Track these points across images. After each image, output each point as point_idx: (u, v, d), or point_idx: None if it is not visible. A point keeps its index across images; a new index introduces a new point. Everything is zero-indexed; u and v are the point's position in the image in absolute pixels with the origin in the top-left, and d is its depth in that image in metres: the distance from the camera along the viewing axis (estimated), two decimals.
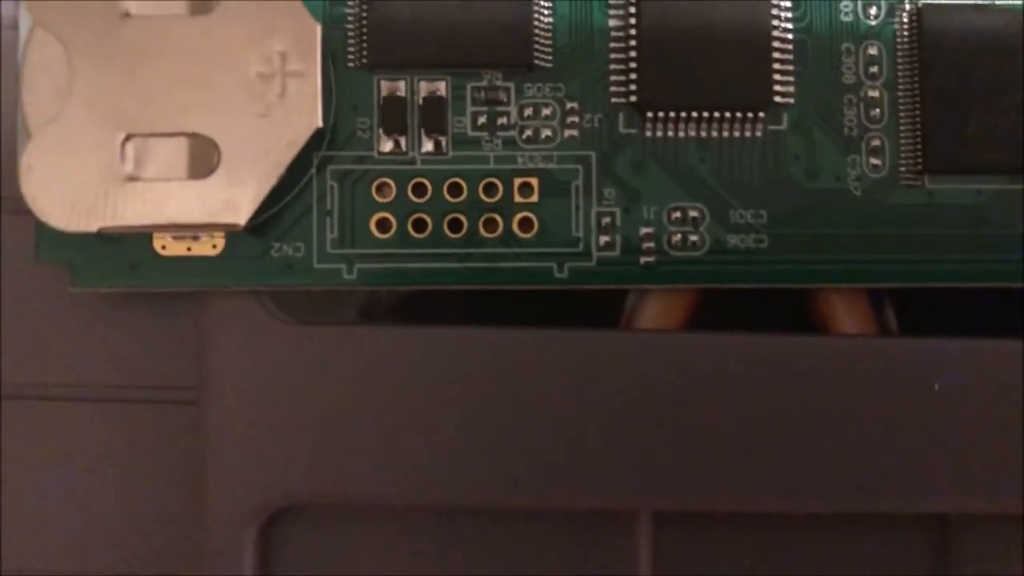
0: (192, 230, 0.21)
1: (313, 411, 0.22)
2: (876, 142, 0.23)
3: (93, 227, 0.20)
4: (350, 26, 0.22)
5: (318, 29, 0.21)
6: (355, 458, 0.22)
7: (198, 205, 0.20)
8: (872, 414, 0.23)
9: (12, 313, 0.22)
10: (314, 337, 0.22)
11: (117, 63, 0.21)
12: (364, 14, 0.22)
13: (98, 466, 0.22)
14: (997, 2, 0.23)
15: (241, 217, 0.21)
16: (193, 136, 0.21)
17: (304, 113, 0.21)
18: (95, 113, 0.20)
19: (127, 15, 0.21)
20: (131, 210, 0.20)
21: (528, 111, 0.22)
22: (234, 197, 0.21)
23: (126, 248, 0.22)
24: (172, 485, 0.22)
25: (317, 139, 0.21)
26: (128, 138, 0.20)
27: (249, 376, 0.22)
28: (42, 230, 0.21)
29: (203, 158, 0.21)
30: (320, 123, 0.21)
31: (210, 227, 0.21)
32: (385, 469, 0.22)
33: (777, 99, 0.22)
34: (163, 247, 0.22)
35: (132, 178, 0.20)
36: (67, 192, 0.20)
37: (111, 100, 0.20)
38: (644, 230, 0.22)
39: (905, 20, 0.23)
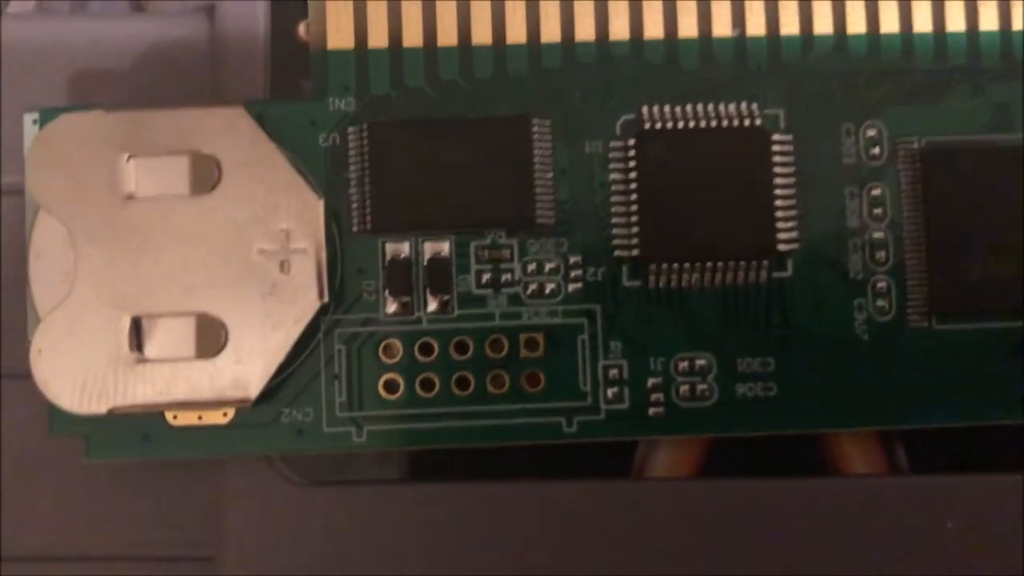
0: (202, 407, 0.21)
1: (328, 569, 0.22)
2: (882, 284, 0.23)
3: (103, 409, 0.21)
4: (353, 191, 0.22)
5: (321, 205, 0.21)
6: None
7: (207, 384, 0.21)
8: (887, 553, 0.23)
9: (25, 480, 0.23)
10: (326, 497, 0.22)
11: (121, 245, 0.21)
12: (367, 179, 0.22)
13: None
14: (1002, 137, 0.23)
15: (251, 393, 0.21)
16: (200, 315, 0.21)
17: (309, 290, 0.21)
18: (101, 296, 0.21)
19: (130, 197, 0.21)
20: (140, 391, 0.21)
21: (532, 267, 0.22)
22: (243, 374, 0.21)
23: (138, 420, 0.22)
24: None
25: (323, 306, 0.22)
26: (135, 320, 0.21)
27: (265, 537, 0.22)
28: (53, 406, 0.22)
29: (211, 336, 0.21)
30: (324, 300, 0.21)
31: (220, 404, 0.21)
32: None
33: (781, 247, 0.22)
34: (174, 417, 0.22)
35: (141, 359, 0.21)
36: (77, 375, 0.21)
37: (116, 282, 0.21)
38: (652, 381, 0.22)
39: (909, 160, 0.23)
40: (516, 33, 0.23)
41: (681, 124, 0.22)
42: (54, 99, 0.23)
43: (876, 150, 0.23)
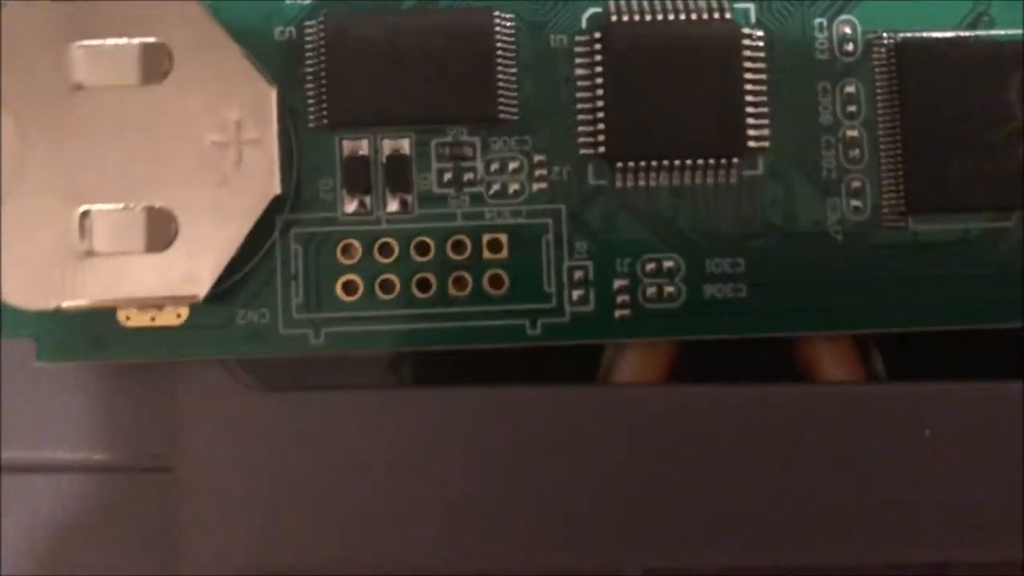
0: (152, 303, 0.20)
1: (285, 477, 0.22)
2: (856, 184, 0.22)
3: (52, 305, 0.20)
4: (310, 86, 0.22)
5: (273, 94, 0.20)
6: (328, 525, 0.22)
7: (157, 278, 0.20)
8: (862, 462, 0.22)
9: None
10: (283, 403, 0.22)
11: (70, 136, 0.20)
12: (324, 73, 0.21)
13: (72, 536, 0.22)
14: (978, 33, 0.22)
15: (201, 289, 0.20)
16: (150, 208, 0.20)
17: (261, 181, 0.20)
18: (49, 188, 0.20)
19: (79, 87, 0.20)
20: (90, 286, 0.20)
21: (495, 166, 0.22)
22: (193, 269, 0.20)
23: (90, 320, 0.21)
24: (145, 553, 0.22)
25: (279, 203, 0.21)
26: (84, 212, 0.20)
27: (221, 444, 0.22)
28: (5, 306, 0.21)
29: (161, 230, 0.20)
30: (278, 191, 0.20)
31: (170, 300, 0.20)
32: (359, 536, 0.22)
33: (752, 144, 0.22)
34: (127, 318, 0.21)
35: (89, 253, 0.20)
36: (25, 270, 0.20)
37: (65, 174, 0.20)
38: (618, 283, 0.22)
39: (884, 56, 0.22)
40: None
41: (649, 17, 0.22)
42: None
43: (850, 46, 0.22)
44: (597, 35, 0.21)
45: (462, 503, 0.22)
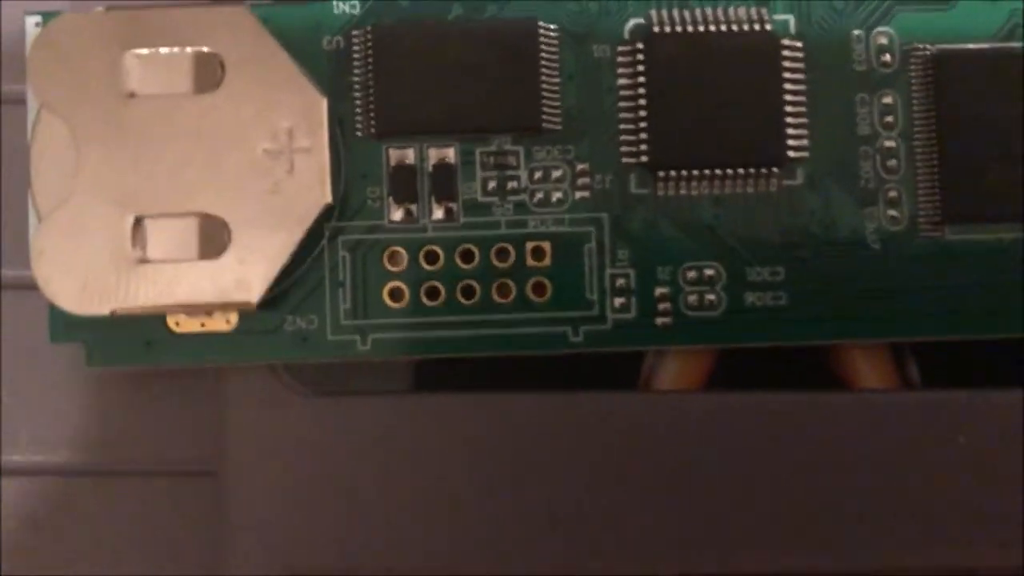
0: (204, 310, 0.21)
1: (332, 481, 0.22)
2: (893, 193, 0.22)
3: (105, 310, 0.20)
4: (357, 95, 0.22)
5: (324, 103, 0.21)
6: (374, 527, 0.22)
7: (210, 285, 0.20)
8: (898, 469, 0.22)
9: (27, 390, 0.22)
10: (330, 408, 0.22)
11: (123, 144, 0.20)
12: (371, 83, 0.22)
13: (118, 541, 0.22)
14: (1014, 44, 0.22)
15: (253, 295, 0.20)
16: (203, 215, 0.21)
17: (313, 189, 0.21)
18: (103, 195, 0.20)
19: (132, 95, 0.21)
20: (142, 292, 0.20)
21: (538, 174, 0.22)
22: (246, 276, 0.20)
23: (140, 326, 0.21)
24: (191, 559, 0.22)
25: (328, 211, 0.21)
26: (138, 219, 0.21)
27: (267, 448, 0.22)
28: (55, 311, 0.21)
29: (214, 237, 0.20)
30: (329, 199, 0.21)
31: (222, 306, 0.21)
32: (404, 538, 0.22)
33: (791, 154, 0.22)
34: (177, 324, 0.21)
35: (143, 260, 0.20)
36: (78, 275, 0.20)
37: (119, 181, 0.20)
38: (659, 291, 0.22)
39: (920, 66, 0.22)
40: None
41: (691, 28, 0.22)
42: (57, 4, 0.22)
43: (887, 56, 0.22)
44: (640, 46, 0.22)
45: (502, 506, 0.22)
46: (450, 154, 0.22)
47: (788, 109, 0.22)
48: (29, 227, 0.21)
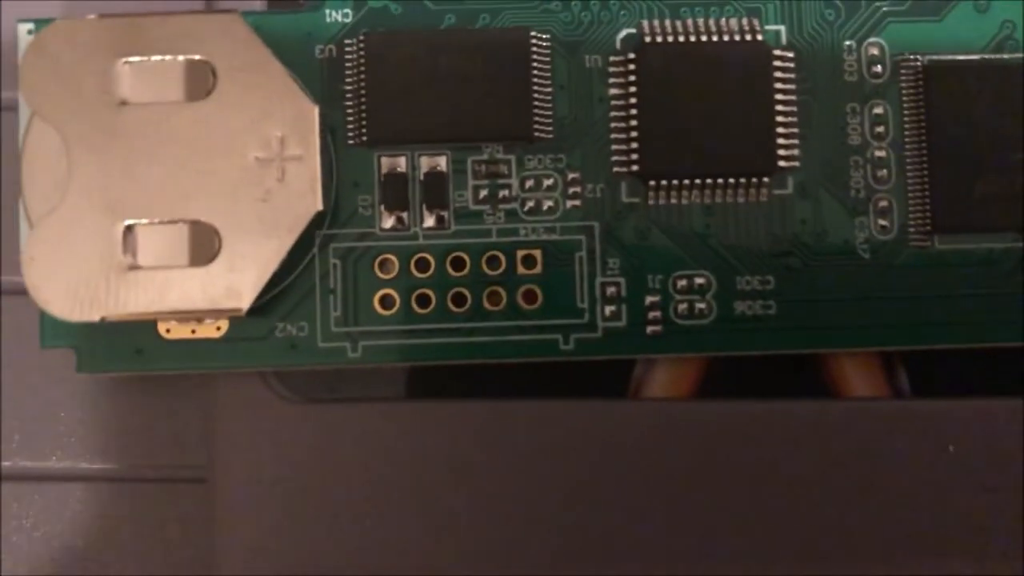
0: (195, 316, 0.21)
1: (321, 487, 0.22)
2: (884, 203, 0.22)
3: (96, 316, 0.20)
4: (349, 103, 0.22)
5: (316, 112, 0.21)
6: (363, 532, 0.22)
7: (200, 292, 0.20)
8: (887, 477, 0.22)
9: (18, 395, 0.22)
10: (319, 414, 0.22)
11: (115, 151, 0.20)
12: (363, 91, 0.22)
13: (109, 545, 0.22)
14: (1004, 56, 0.23)
15: (243, 303, 0.21)
16: (194, 223, 0.21)
17: (304, 197, 0.21)
18: (94, 202, 0.20)
19: (124, 103, 0.21)
20: (133, 298, 0.20)
21: (530, 183, 0.22)
22: (236, 283, 0.20)
23: (130, 332, 0.21)
24: (182, 563, 0.22)
25: (319, 218, 0.21)
26: (129, 226, 0.21)
27: (257, 454, 0.22)
28: (46, 316, 0.21)
29: (204, 244, 0.21)
30: (320, 206, 0.21)
31: (213, 313, 0.21)
32: (393, 544, 0.22)
33: (782, 163, 0.22)
34: (167, 330, 0.21)
35: (133, 266, 0.20)
36: (69, 282, 0.20)
37: (110, 189, 0.20)
38: (650, 299, 0.22)
39: (911, 77, 0.22)
40: None
41: (682, 38, 0.22)
42: (52, 10, 0.23)
43: (878, 67, 0.22)
44: (631, 56, 0.22)
45: (491, 511, 0.22)
46: (442, 162, 0.22)
47: (779, 119, 0.22)
48: (20, 233, 0.21)
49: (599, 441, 0.22)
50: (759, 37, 0.22)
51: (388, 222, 0.22)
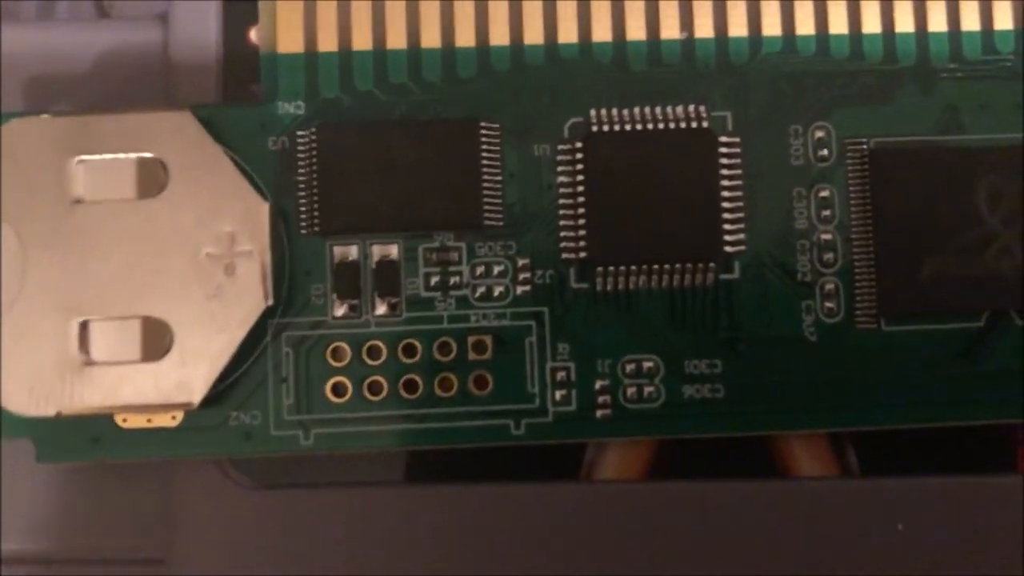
0: (148, 410, 0.21)
1: (278, 571, 0.22)
2: (830, 286, 0.23)
3: (51, 411, 0.21)
4: (302, 193, 0.22)
5: (266, 208, 0.21)
6: None
7: (153, 386, 0.21)
8: (837, 556, 0.23)
9: None
10: (275, 500, 0.22)
11: (70, 249, 0.21)
12: (315, 181, 0.22)
13: None
14: (948, 138, 0.23)
15: (195, 397, 0.21)
16: (146, 319, 0.21)
17: (254, 292, 0.21)
18: (50, 300, 0.21)
19: (78, 201, 0.21)
20: (88, 394, 0.21)
21: (480, 269, 0.22)
22: (187, 377, 0.21)
23: (88, 422, 0.22)
24: None
25: (271, 309, 0.22)
26: (83, 323, 0.21)
27: (213, 539, 0.22)
28: (4, 409, 0.22)
29: (157, 339, 0.21)
30: (270, 302, 0.21)
31: (165, 408, 0.21)
32: None
33: (728, 248, 0.22)
34: (124, 420, 0.22)
35: (88, 362, 0.21)
36: (25, 378, 0.21)
37: (65, 286, 0.21)
38: (599, 383, 0.22)
39: (857, 161, 0.23)
40: (465, 36, 0.23)
41: (629, 127, 0.22)
42: (9, 106, 0.23)
43: (825, 151, 0.23)
44: (579, 144, 0.22)
45: None
46: (393, 251, 0.22)
47: (725, 204, 0.22)
48: None
49: (551, 523, 0.23)
50: (704, 124, 0.22)
51: (340, 310, 0.22)
